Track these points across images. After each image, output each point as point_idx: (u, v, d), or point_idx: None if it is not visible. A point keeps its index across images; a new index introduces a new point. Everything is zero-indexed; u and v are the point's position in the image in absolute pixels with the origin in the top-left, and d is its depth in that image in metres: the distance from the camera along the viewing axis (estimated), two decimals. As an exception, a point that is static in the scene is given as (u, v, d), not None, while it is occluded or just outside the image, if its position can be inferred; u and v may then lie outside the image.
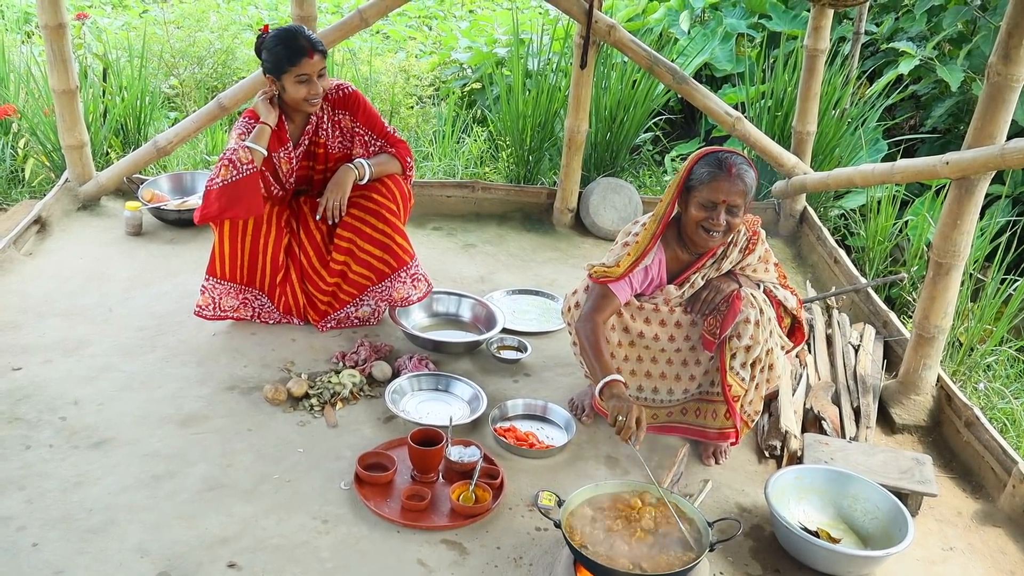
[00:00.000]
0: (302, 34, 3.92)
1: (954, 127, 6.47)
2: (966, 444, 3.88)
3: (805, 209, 5.86)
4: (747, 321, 3.46)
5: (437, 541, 3.16)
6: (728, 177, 3.35)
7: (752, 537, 3.32)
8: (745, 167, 3.40)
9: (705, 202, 3.40)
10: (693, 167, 3.44)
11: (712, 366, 3.63)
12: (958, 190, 3.77)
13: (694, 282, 3.60)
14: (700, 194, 3.40)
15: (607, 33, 5.18)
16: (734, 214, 3.41)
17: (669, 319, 3.60)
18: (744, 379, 3.54)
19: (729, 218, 3.40)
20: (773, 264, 3.70)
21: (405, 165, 4.29)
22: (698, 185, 3.41)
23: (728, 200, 3.37)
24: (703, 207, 3.41)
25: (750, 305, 3.47)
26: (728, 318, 3.48)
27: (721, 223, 3.40)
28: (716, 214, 3.39)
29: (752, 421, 3.68)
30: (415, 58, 8.35)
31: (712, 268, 3.60)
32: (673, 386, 3.69)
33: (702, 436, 3.73)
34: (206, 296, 4.22)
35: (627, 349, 3.64)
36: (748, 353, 3.50)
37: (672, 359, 3.65)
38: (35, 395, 3.75)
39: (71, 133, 5.28)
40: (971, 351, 4.87)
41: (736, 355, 3.51)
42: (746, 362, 3.52)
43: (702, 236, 3.46)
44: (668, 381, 3.68)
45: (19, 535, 3.03)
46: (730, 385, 3.53)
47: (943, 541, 3.41)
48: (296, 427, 3.70)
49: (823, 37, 5.41)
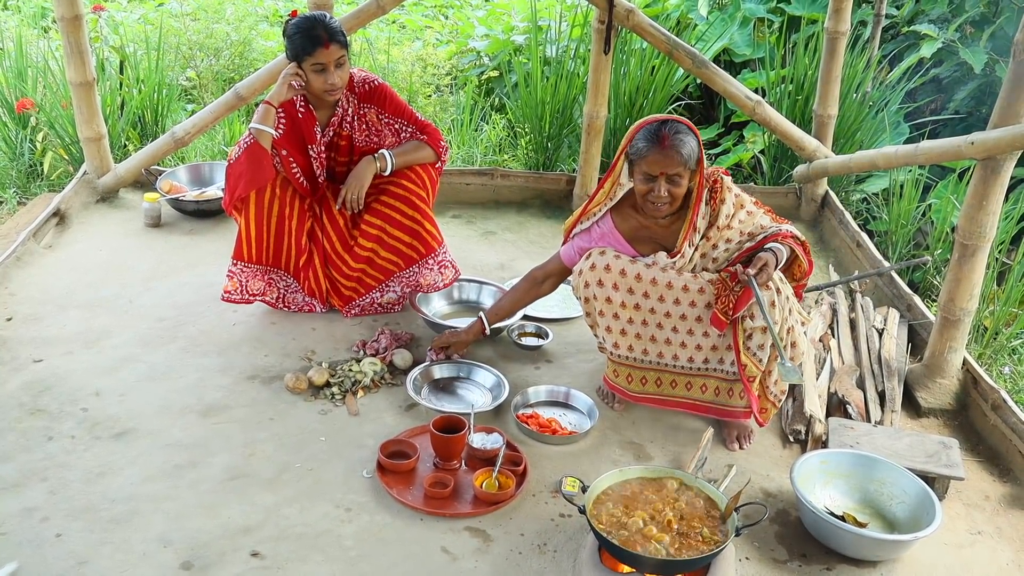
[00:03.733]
0: (322, 23, 3.90)
1: (976, 110, 6.40)
2: (993, 427, 3.83)
3: (827, 193, 5.81)
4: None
5: (460, 528, 3.15)
6: (662, 149, 3.34)
7: (778, 522, 3.29)
8: (681, 136, 3.37)
9: (645, 175, 3.41)
10: (632, 139, 3.45)
11: (723, 343, 3.59)
12: (984, 170, 3.72)
13: (684, 252, 3.56)
14: (639, 167, 3.43)
15: (626, 18, 5.14)
16: (675, 183, 3.40)
17: (676, 281, 3.54)
18: (761, 360, 3.51)
19: (671, 187, 3.40)
20: (752, 203, 3.64)
21: (439, 150, 4.29)
22: (637, 159, 3.42)
23: (666, 171, 3.37)
24: (644, 181, 3.42)
25: (766, 287, 3.43)
26: (742, 299, 3.44)
27: (663, 195, 3.40)
28: (656, 186, 3.40)
29: (779, 402, 3.65)
30: (432, 47, 8.32)
31: (693, 233, 3.56)
32: (679, 352, 3.64)
33: (723, 415, 3.70)
34: (234, 280, 4.22)
35: (631, 311, 3.60)
36: (765, 334, 3.46)
37: (677, 327, 3.59)
38: (56, 387, 3.75)
39: (89, 125, 5.28)
40: (996, 335, 4.82)
41: (753, 335, 3.48)
42: (764, 343, 3.48)
43: (650, 207, 3.47)
44: (673, 347, 3.64)
45: (43, 526, 3.03)
46: (744, 365, 3.51)
47: (971, 525, 3.38)
48: (318, 416, 3.69)
49: (844, 19, 5.36)
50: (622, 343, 3.67)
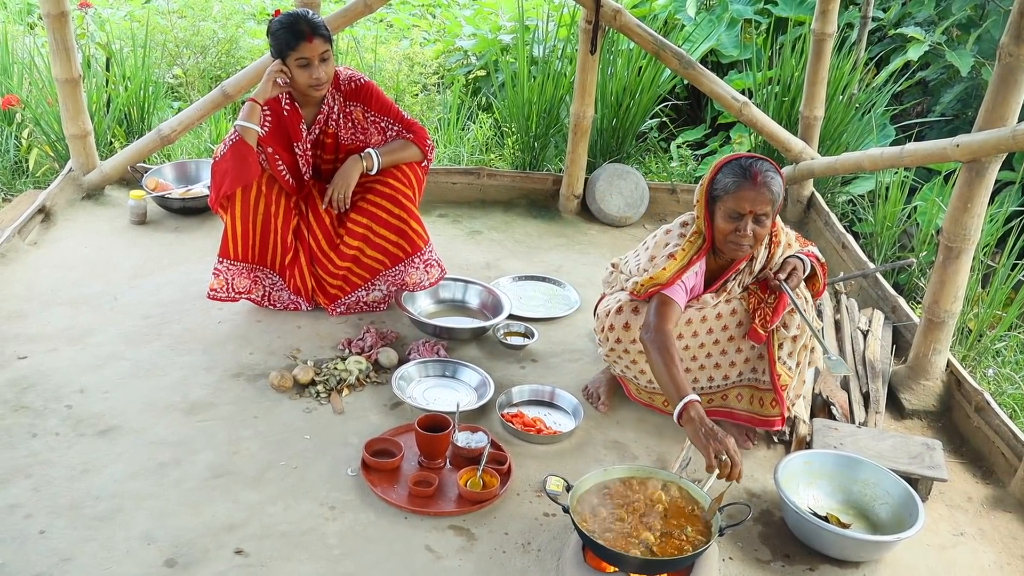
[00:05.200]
0: (304, 18, 3.91)
1: (962, 113, 6.43)
2: (976, 429, 3.85)
3: (812, 195, 5.83)
4: (794, 312, 3.44)
5: (445, 527, 3.15)
6: (754, 186, 3.23)
7: (761, 522, 3.30)
8: (772, 173, 3.26)
9: (731, 213, 3.27)
10: (716, 175, 3.32)
11: (754, 354, 3.58)
12: (968, 173, 3.74)
13: (731, 289, 3.51)
14: (725, 204, 3.28)
15: (613, 18, 5.15)
16: (762, 223, 3.29)
17: (709, 313, 3.51)
18: (790, 368, 3.54)
19: (756, 228, 3.28)
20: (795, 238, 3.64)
21: (425, 149, 4.29)
22: (723, 195, 3.28)
23: (755, 210, 3.25)
24: (730, 218, 3.28)
25: (797, 295, 3.43)
26: (778, 309, 3.44)
27: (748, 234, 3.28)
28: (743, 225, 3.26)
29: (793, 405, 3.67)
30: (419, 46, 8.32)
31: (745, 272, 3.53)
32: (713, 374, 3.63)
33: (747, 422, 3.69)
34: (220, 278, 4.21)
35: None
36: (795, 343, 3.49)
37: (711, 352, 3.58)
38: (41, 384, 3.74)
39: (74, 122, 5.27)
40: (980, 337, 4.84)
41: (783, 345, 3.50)
42: (793, 351, 3.51)
43: (731, 248, 3.35)
44: (707, 371, 3.62)
45: (26, 523, 3.02)
46: (779, 375, 3.51)
47: (953, 526, 3.39)
48: (302, 414, 3.69)
49: (830, 21, 5.38)
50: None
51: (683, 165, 6.82)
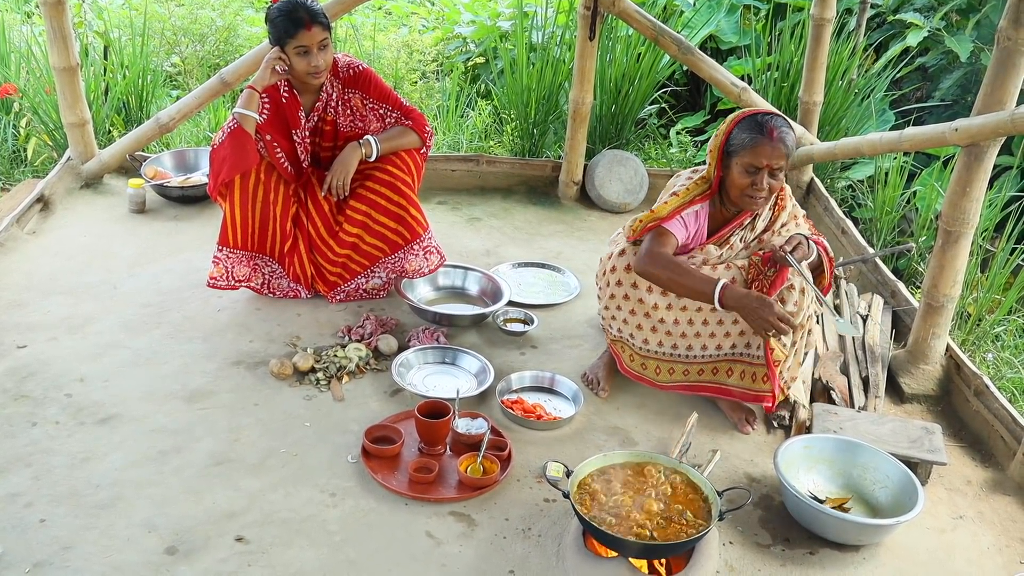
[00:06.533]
0: (303, 5, 3.90)
1: (962, 98, 6.42)
2: (975, 413, 3.86)
3: (812, 180, 5.82)
4: (792, 288, 3.45)
5: (445, 513, 3.16)
6: (770, 141, 3.32)
7: (761, 507, 3.31)
8: (786, 128, 3.35)
9: (747, 167, 3.36)
10: (732, 130, 3.40)
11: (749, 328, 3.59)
12: (967, 157, 3.73)
13: (732, 243, 3.57)
14: (742, 159, 3.37)
15: (612, 4, 5.14)
16: (776, 177, 3.39)
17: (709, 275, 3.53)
18: (785, 344, 3.54)
19: (772, 181, 3.38)
20: (803, 217, 3.67)
21: (424, 136, 4.28)
22: (739, 150, 3.37)
23: (771, 164, 3.34)
24: (746, 172, 3.37)
25: (796, 273, 3.44)
26: (776, 283, 3.45)
27: (764, 187, 3.37)
28: (759, 179, 3.36)
29: (788, 387, 3.67)
30: (418, 33, 8.30)
31: (748, 228, 3.58)
32: (707, 342, 3.64)
33: (739, 397, 3.71)
34: (220, 267, 4.21)
35: (664, 311, 3.59)
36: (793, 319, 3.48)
37: (708, 319, 3.59)
38: (40, 372, 3.74)
39: (72, 111, 5.25)
40: (979, 321, 4.85)
41: None
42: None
43: (746, 201, 3.43)
44: (702, 338, 3.63)
45: (27, 511, 3.02)
46: (772, 349, 3.52)
47: (953, 510, 3.40)
48: (303, 401, 3.69)
49: (830, 6, 5.37)
50: (652, 339, 3.66)
51: (682, 151, 6.81)
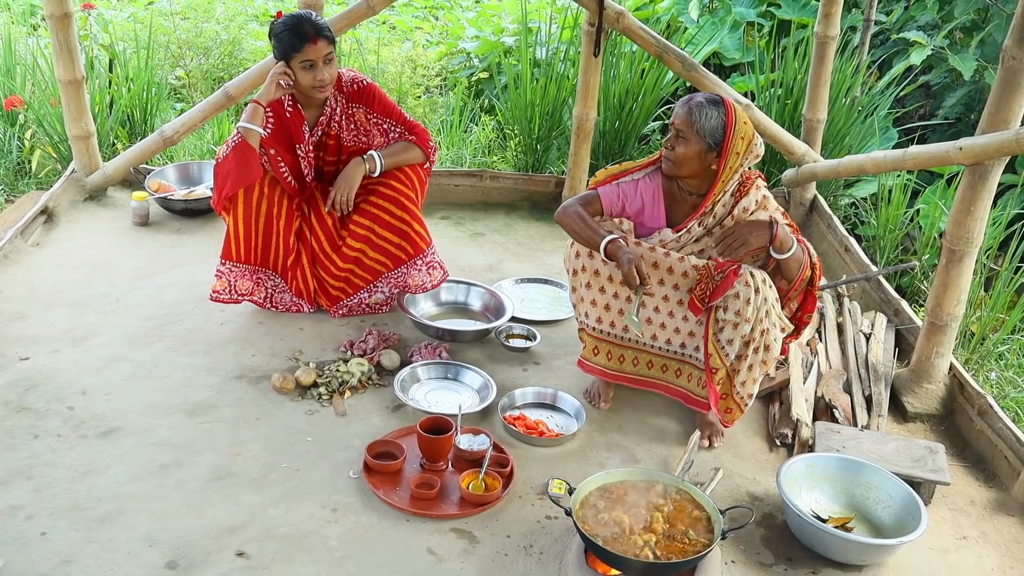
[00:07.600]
0: (308, 20, 3.91)
1: (965, 116, 6.43)
2: (979, 433, 3.85)
3: (815, 198, 5.82)
4: (736, 296, 3.44)
5: (447, 530, 3.15)
6: (684, 105, 3.50)
7: (764, 525, 3.30)
8: (707, 110, 3.46)
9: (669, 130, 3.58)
10: None
11: (699, 331, 3.61)
12: (971, 176, 3.73)
13: (691, 229, 3.59)
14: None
15: (616, 20, 5.15)
16: (680, 143, 3.50)
17: (663, 262, 3.55)
18: (728, 354, 3.53)
19: (675, 144, 3.51)
20: (778, 211, 3.64)
21: (427, 151, 4.29)
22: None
23: (676, 126, 3.50)
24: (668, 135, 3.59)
25: (745, 283, 3.44)
26: (720, 288, 3.45)
27: (669, 147, 3.53)
28: (669, 140, 3.53)
29: (745, 405, 3.63)
30: (422, 48, 8.31)
31: (709, 216, 3.59)
32: (657, 332, 3.68)
33: (681, 398, 3.77)
34: (223, 280, 4.21)
35: (617, 286, 3.63)
36: (736, 329, 3.47)
37: (659, 306, 3.62)
38: (43, 385, 3.74)
39: (77, 123, 5.26)
40: (983, 341, 4.84)
41: (724, 329, 3.50)
42: (733, 338, 3.49)
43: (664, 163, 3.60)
44: (653, 326, 3.67)
45: (27, 524, 3.02)
46: (710, 354, 3.53)
47: (956, 530, 3.38)
48: (304, 416, 3.68)
49: (834, 24, 5.37)
50: (605, 318, 3.70)
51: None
